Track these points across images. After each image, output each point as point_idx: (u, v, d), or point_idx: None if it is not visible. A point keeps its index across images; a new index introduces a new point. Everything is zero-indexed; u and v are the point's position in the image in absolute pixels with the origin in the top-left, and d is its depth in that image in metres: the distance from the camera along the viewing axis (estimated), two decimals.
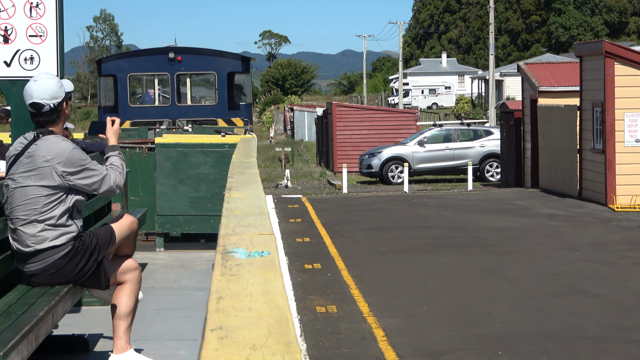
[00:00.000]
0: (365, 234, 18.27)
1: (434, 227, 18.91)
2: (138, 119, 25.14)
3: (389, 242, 17.09)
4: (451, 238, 17.43)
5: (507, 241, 16.95)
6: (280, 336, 2.57)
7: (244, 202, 5.58)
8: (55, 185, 6.42)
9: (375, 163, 34.90)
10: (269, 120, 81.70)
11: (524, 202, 23.43)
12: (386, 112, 40.69)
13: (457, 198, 24.72)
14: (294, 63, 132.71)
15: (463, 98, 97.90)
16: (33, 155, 6.43)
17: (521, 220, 19.89)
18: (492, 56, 61.89)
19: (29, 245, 6.43)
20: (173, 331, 8.39)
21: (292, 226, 19.68)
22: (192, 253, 13.40)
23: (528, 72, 27.68)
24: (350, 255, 15.79)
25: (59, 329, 7.69)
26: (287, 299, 3.05)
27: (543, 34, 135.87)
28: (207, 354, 2.43)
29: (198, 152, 14.40)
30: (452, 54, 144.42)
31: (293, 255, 15.83)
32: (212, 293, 3.10)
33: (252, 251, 3.79)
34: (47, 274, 6.46)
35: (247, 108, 27.36)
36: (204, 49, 27.18)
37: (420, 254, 15.80)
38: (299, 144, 60.20)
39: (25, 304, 6.03)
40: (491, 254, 15.63)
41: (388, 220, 20.31)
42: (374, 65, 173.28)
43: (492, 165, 34.64)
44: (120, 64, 26.56)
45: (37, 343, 5.67)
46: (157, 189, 14.49)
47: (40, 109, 6.51)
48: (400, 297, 12.40)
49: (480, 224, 19.30)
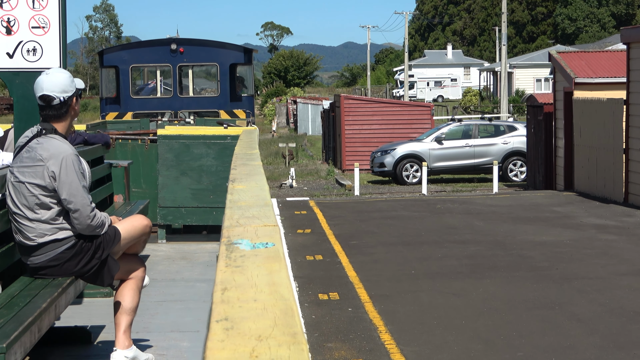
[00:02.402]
0: (387, 251, 15.47)
1: (467, 242, 16.10)
2: (140, 111, 25.13)
3: (417, 263, 14.29)
4: (491, 257, 14.62)
5: (559, 262, 14.14)
6: (285, 327, 2.53)
7: (247, 194, 5.57)
8: (44, 186, 6.41)
9: (389, 161, 31.94)
10: (271, 113, 78.99)
11: (562, 208, 20.61)
12: (399, 105, 37.67)
13: (485, 203, 21.89)
14: (297, 54, 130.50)
15: (471, 90, 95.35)
16: (32, 151, 6.44)
17: (567, 232, 17.09)
18: (504, 47, 59.39)
19: (31, 239, 6.46)
20: (175, 323, 8.33)
21: (300, 239, 16.89)
22: (194, 245, 13.27)
23: (562, 62, 24.83)
24: (374, 280, 13.00)
25: (61, 321, 7.53)
26: (292, 289, 2.98)
27: (549, 25, 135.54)
28: (213, 345, 2.40)
29: (200, 143, 14.32)
30: (457, 46, 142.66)
31: (304, 280, 13.03)
32: (217, 284, 3.07)
33: (256, 242, 3.75)
34: (50, 266, 6.49)
35: (249, 100, 27.06)
36: (206, 41, 26.89)
37: (459, 279, 12.99)
38: (302, 138, 57.30)
39: (28, 295, 6.07)
40: (546, 280, 12.81)
41: (411, 232, 17.50)
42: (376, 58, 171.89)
43: (516, 164, 31.71)
44: (122, 55, 26.34)
45: (40, 335, 5.74)
46: (159, 180, 14.40)
47: (50, 102, 6.49)
48: (445, 347, 9.60)
49: (520, 238, 16.49)
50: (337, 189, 30.97)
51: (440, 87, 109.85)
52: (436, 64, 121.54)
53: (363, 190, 28.65)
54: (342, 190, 30.07)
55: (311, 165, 40.00)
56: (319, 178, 34.99)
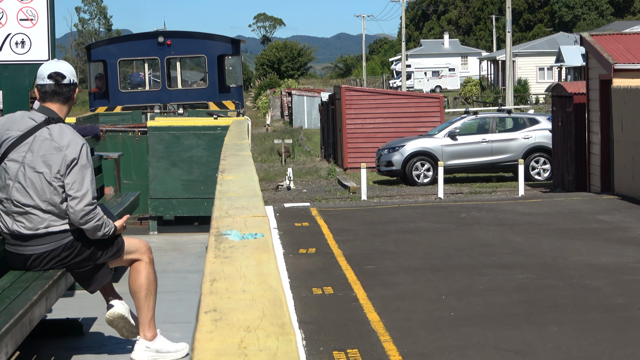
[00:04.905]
0: (413, 280, 12.40)
1: (510, 266, 13.01)
2: (129, 104, 25.05)
3: (455, 298, 11.21)
4: (547, 290, 11.53)
5: (637, 296, 11.08)
6: (274, 318, 2.52)
7: (237, 185, 5.52)
8: (63, 174, 6.36)
9: (397, 159, 28.68)
10: (265, 106, 75.96)
11: (609, 217, 17.54)
12: (405, 97, 34.33)
13: (516, 211, 18.78)
14: (290, 45, 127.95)
15: (471, 80, 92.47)
16: (45, 140, 6.36)
17: (628, 250, 14.04)
18: (509, 34, 56.50)
19: (37, 228, 6.38)
20: (167, 314, 8.15)
21: (304, 262, 13.82)
22: (185, 236, 13.15)
23: (596, 46, 21.72)
24: (404, 328, 9.93)
25: (52, 313, 7.52)
26: (281, 280, 2.93)
27: (546, 13, 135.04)
28: (202, 337, 2.38)
29: (190, 134, 14.26)
30: (452, 35, 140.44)
31: (312, 328, 9.96)
32: (205, 275, 3.03)
33: (245, 233, 3.72)
34: (45, 257, 6.42)
35: (238, 90, 27.08)
36: (194, 32, 27.11)
37: (515, 325, 9.91)
38: (298, 132, 54.16)
39: (19, 288, 6.07)
40: (631, 326, 9.74)
41: (438, 252, 14.43)
42: (370, 48, 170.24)
43: (539, 161, 28.53)
44: (110, 49, 26.44)
45: (31, 327, 5.78)
46: (150, 172, 14.32)
47: (61, 79, 6.54)
48: None
49: (574, 259, 13.42)
50: (340, 191, 27.81)
51: (438, 77, 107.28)
52: (433, 54, 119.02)
53: (370, 193, 25.47)
54: (345, 193, 26.93)
55: (309, 163, 36.77)
56: (319, 178, 31.76)
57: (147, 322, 6.73)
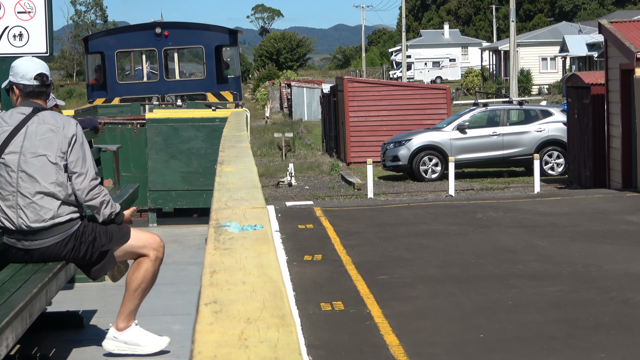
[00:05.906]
0: (432, 293, 11.13)
1: (540, 277, 11.74)
2: (127, 96, 24.92)
3: (481, 317, 9.95)
4: (585, 305, 10.27)
5: None
6: (274, 309, 2.50)
7: (236, 176, 5.51)
8: (65, 152, 6.37)
9: (403, 154, 27.33)
10: (264, 98, 74.62)
11: (636, 217, 16.28)
12: (411, 88, 32.95)
13: (535, 210, 17.50)
14: (289, 36, 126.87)
15: (472, 71, 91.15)
16: (38, 126, 6.41)
17: None
18: (513, 23, 55.00)
19: (43, 219, 6.33)
20: (167, 306, 8.18)
21: (309, 271, 12.56)
22: (185, 228, 13.12)
23: (617, 33, 20.43)
24: (427, 354, 8.69)
25: (52, 306, 7.58)
26: (281, 271, 2.91)
27: (546, 3, 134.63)
28: (202, 328, 2.37)
29: (189, 126, 14.28)
30: (452, 26, 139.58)
31: (322, 353, 8.75)
32: (205, 267, 3.01)
33: (244, 225, 3.71)
34: (51, 248, 6.38)
35: (236, 81, 26.88)
36: (191, 23, 26.77)
37: (556, 352, 8.66)
38: (298, 125, 52.83)
39: (19, 281, 6.05)
40: None
41: (457, 258, 13.16)
42: (369, 39, 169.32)
43: (552, 155, 27.19)
44: (107, 40, 26.26)
45: (32, 320, 5.75)
46: (149, 164, 14.36)
47: (46, 80, 6.59)
48: None
49: (608, 268, 12.15)
50: (344, 187, 26.50)
51: (438, 68, 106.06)
52: (433, 44, 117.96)
53: (375, 190, 24.15)
54: (350, 190, 25.63)
55: (311, 157, 35.43)
56: (321, 173, 30.42)
57: (125, 313, 6.68)
